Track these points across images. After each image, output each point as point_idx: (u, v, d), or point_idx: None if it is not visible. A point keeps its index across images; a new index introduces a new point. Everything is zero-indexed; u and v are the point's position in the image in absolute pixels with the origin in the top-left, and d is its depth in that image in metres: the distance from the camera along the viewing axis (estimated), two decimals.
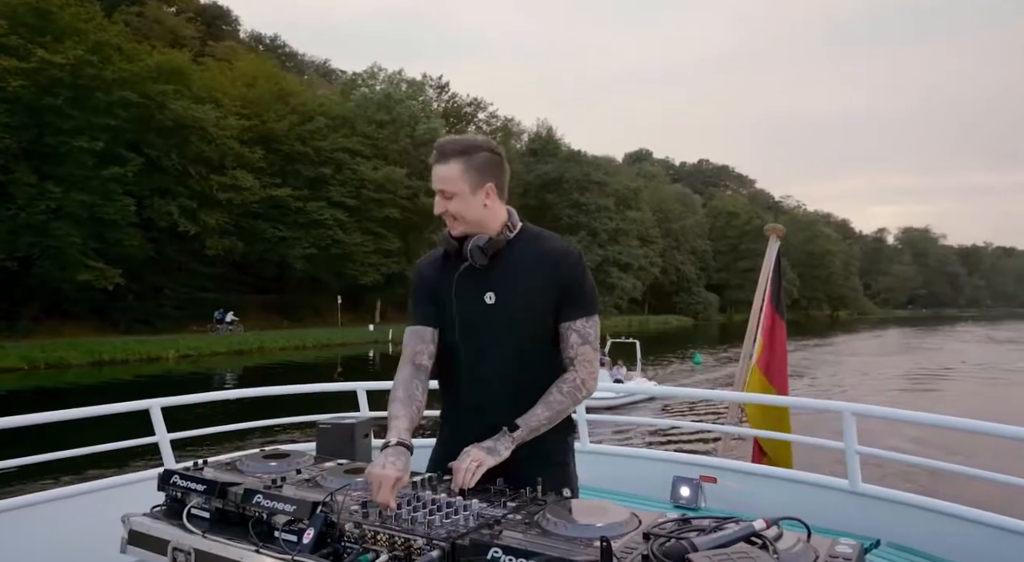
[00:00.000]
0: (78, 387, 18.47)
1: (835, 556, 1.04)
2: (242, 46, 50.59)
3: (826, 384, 22.39)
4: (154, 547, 1.35)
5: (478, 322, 1.56)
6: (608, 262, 49.67)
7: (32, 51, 22.86)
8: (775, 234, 4.16)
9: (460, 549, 1.06)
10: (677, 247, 69.51)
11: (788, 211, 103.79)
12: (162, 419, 2.77)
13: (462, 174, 1.53)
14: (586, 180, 49.10)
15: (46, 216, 23.35)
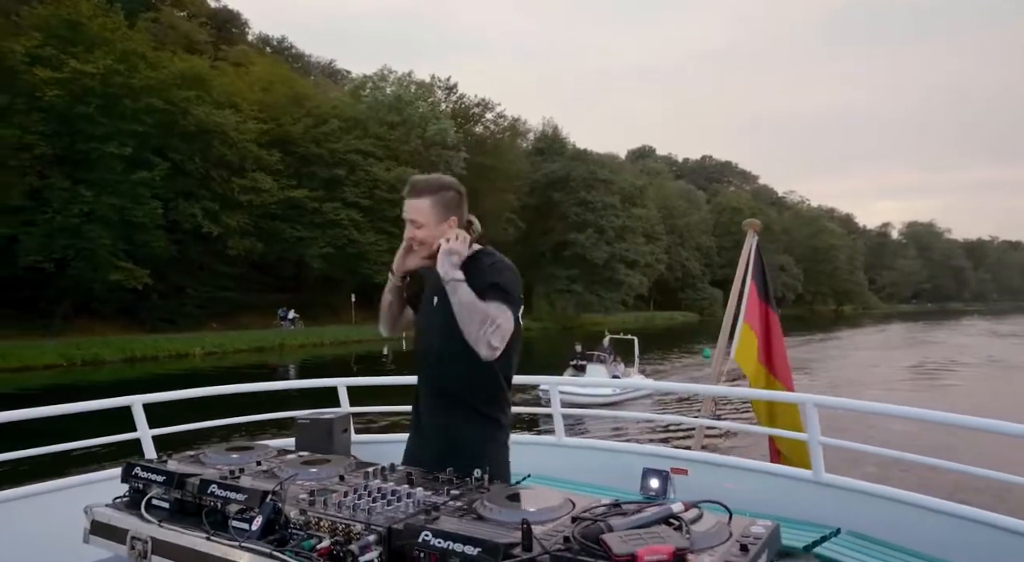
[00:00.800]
0: (112, 383, 19.47)
1: (747, 535, 1.09)
2: (252, 49, 51.58)
3: (831, 379, 22.71)
4: (114, 537, 1.39)
5: (427, 316, 1.90)
6: (615, 259, 50.47)
7: (65, 62, 23.88)
8: (752, 229, 4.23)
9: (395, 533, 1.11)
10: (682, 243, 70.28)
11: (792, 206, 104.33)
12: (144, 415, 2.78)
13: (430, 208, 1.80)
14: (592, 178, 49.89)
15: (79, 219, 24.41)
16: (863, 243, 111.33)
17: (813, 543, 2.46)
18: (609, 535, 1.01)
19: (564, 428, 3.41)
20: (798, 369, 25.43)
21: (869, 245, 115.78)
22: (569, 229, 49.49)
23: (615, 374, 17.54)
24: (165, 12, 42.23)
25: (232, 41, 50.60)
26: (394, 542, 1.11)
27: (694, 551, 1.02)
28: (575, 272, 49.46)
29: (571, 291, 49.47)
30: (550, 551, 1.01)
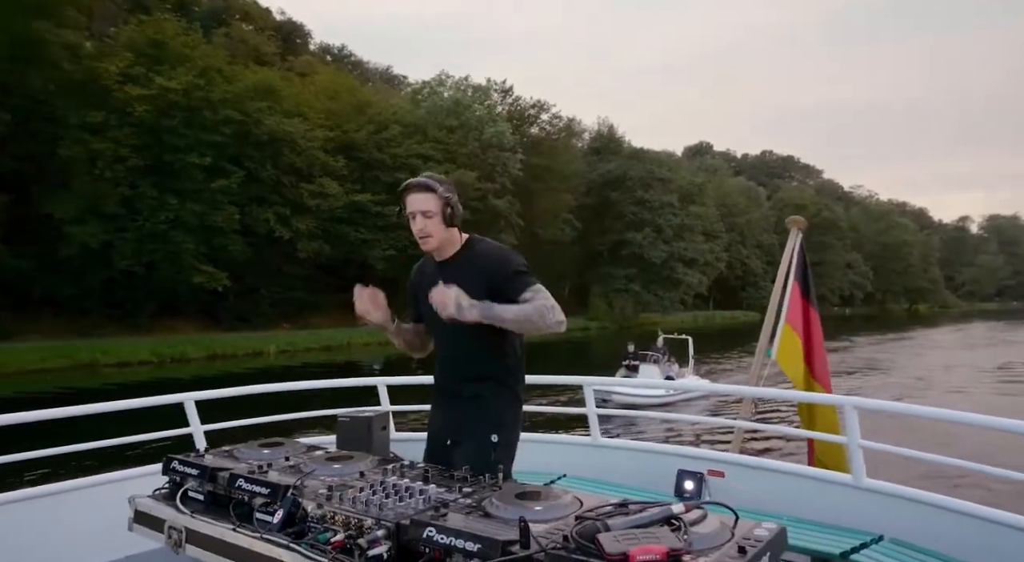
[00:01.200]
0: (197, 378, 20.81)
1: (748, 537, 1.08)
2: (315, 59, 53.66)
3: (897, 380, 22.00)
4: (154, 525, 1.48)
5: (434, 316, 1.93)
6: (673, 258, 49.85)
7: (152, 79, 25.67)
8: (796, 226, 4.12)
9: (403, 529, 1.15)
10: (742, 241, 68.62)
11: (859, 201, 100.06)
12: (196, 412, 2.91)
13: (436, 200, 1.96)
14: (650, 177, 49.44)
15: (166, 226, 26.19)
16: (939, 238, 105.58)
17: (852, 550, 2.38)
18: (604, 535, 1.02)
19: (616, 428, 3.54)
20: (866, 369, 24.66)
21: (945, 240, 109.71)
22: (626, 228, 49.20)
23: (669, 374, 17.30)
24: (236, 27, 44.59)
25: (297, 51, 52.82)
26: (402, 537, 1.15)
27: (690, 552, 1.01)
28: (632, 271, 49.12)
29: (628, 290, 49.15)
30: (545, 549, 1.02)
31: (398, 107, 40.77)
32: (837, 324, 55.55)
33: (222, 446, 1.75)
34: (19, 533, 2.39)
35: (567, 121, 49.80)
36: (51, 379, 20.30)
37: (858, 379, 22.15)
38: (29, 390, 18.12)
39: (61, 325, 26.25)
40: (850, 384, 20.49)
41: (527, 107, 48.23)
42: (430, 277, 1.99)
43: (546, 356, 28.80)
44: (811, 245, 58.13)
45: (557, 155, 47.18)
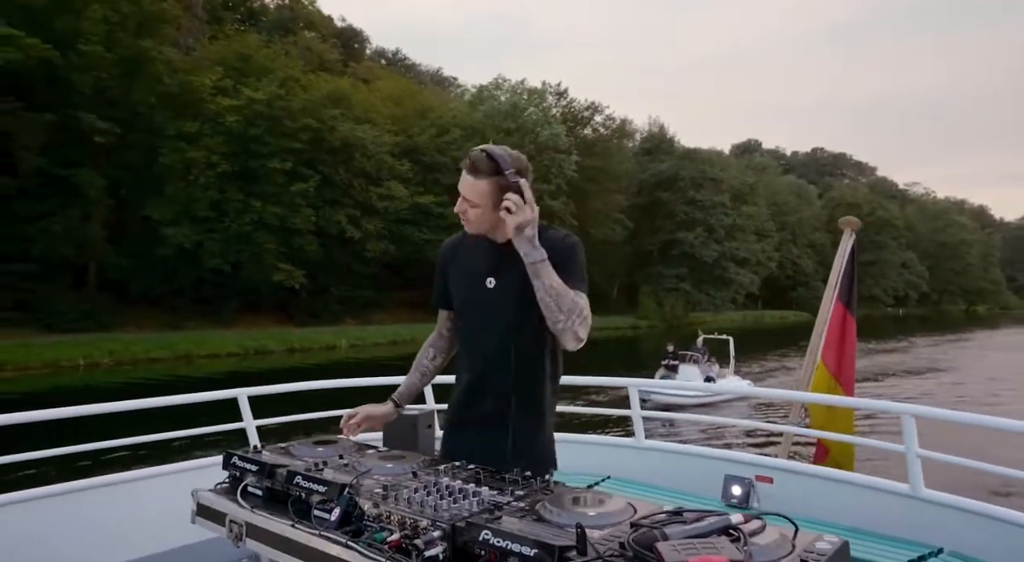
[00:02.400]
0: (277, 369, 22.33)
1: (811, 551, 1.05)
2: (375, 64, 55.49)
3: (971, 384, 21.73)
4: (216, 519, 1.52)
5: (479, 303, 1.72)
6: (725, 257, 49.99)
7: (240, 91, 27.54)
8: (849, 228, 4.04)
9: (458, 530, 1.16)
10: (793, 241, 67.89)
11: (915, 199, 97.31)
12: (248, 407, 2.97)
13: (489, 192, 1.63)
14: (701, 177, 49.66)
15: (251, 227, 28.08)
16: (1000, 237, 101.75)
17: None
18: (662, 543, 1.01)
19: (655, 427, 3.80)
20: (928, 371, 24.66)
21: (1007, 239, 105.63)
22: (678, 228, 49.55)
23: (709, 375, 17.12)
24: (301, 35, 46.66)
25: (357, 57, 54.75)
26: (457, 539, 1.15)
27: None
28: (683, 270, 49.46)
29: (679, 289, 49.52)
30: (603, 556, 1.02)
31: (457, 111, 42.12)
32: (891, 325, 54.67)
33: (270, 439, 1.80)
34: (88, 519, 2.51)
35: (620, 122, 50.39)
36: (158, 367, 22.32)
37: (916, 381, 22.27)
38: (146, 377, 20.05)
39: (154, 319, 28.47)
40: (909, 385, 20.70)
41: (581, 109, 49.01)
42: (479, 256, 1.73)
43: (595, 354, 29.47)
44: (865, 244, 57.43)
45: (610, 156, 47.84)
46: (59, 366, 20.85)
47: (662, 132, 55.37)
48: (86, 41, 23.03)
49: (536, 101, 45.09)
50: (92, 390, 16.79)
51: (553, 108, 46.95)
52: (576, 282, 1.63)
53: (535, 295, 1.60)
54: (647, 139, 54.52)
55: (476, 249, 1.76)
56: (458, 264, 1.80)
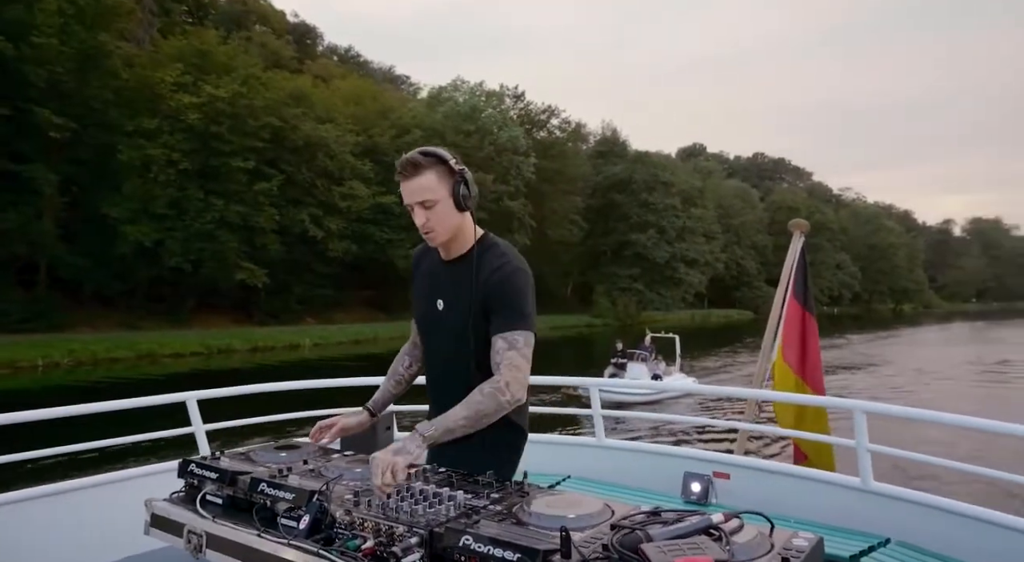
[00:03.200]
0: (242, 370, 22.35)
1: (789, 548, 1.07)
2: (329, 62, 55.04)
3: (902, 376, 23.23)
4: (172, 530, 1.46)
5: (432, 321, 1.71)
6: (676, 258, 52.07)
7: (200, 88, 27.25)
8: (799, 230, 4.13)
9: (437, 536, 1.13)
10: (737, 242, 71.05)
11: (848, 204, 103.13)
12: (198, 411, 2.88)
13: (438, 179, 1.55)
14: (653, 180, 51.57)
15: (213, 225, 27.81)
16: (923, 241, 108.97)
17: (860, 553, 2.43)
18: (648, 545, 1.01)
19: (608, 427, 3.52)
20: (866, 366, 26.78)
21: (930, 242, 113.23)
22: (631, 229, 51.30)
23: (656, 373, 17.29)
24: (256, 32, 45.98)
25: (311, 54, 54.17)
26: (436, 545, 1.13)
27: None
28: (636, 271, 51.25)
29: (632, 289, 51.28)
30: (588, 559, 1.01)
31: (417, 111, 42.51)
32: (826, 323, 58.06)
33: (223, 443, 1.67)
34: (31, 531, 2.42)
35: (575, 125, 51.77)
36: (119, 368, 21.99)
37: (861, 375, 24.20)
38: (107, 377, 19.80)
39: (109, 319, 27.82)
40: (854, 379, 22.55)
41: (538, 111, 50.12)
42: (430, 277, 1.73)
43: (551, 353, 30.55)
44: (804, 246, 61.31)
45: (566, 158, 49.16)
46: (17, 367, 20.32)
47: (615, 136, 57.17)
48: (40, 33, 22.44)
49: (494, 103, 45.96)
50: (53, 390, 16.58)
51: (511, 110, 47.94)
52: (511, 327, 1.56)
53: (475, 322, 1.59)
54: (601, 142, 56.18)
55: (433, 264, 1.74)
56: (419, 278, 1.79)
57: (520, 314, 1.58)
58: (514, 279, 1.60)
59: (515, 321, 1.57)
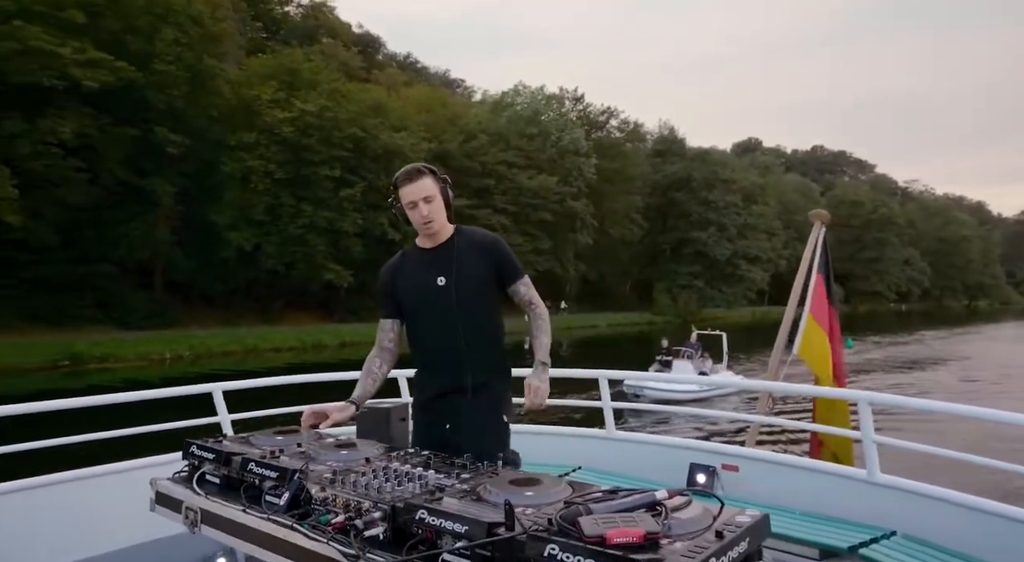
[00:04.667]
0: (331, 363, 24.24)
1: (729, 524, 1.10)
2: (396, 71, 57.38)
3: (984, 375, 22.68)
4: (173, 506, 1.58)
5: (432, 302, 1.99)
6: (737, 255, 52.10)
7: (292, 103, 29.61)
8: (819, 220, 4.08)
9: (398, 511, 1.21)
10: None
11: (915, 197, 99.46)
12: (223, 401, 3.01)
13: (434, 184, 2.00)
14: (713, 178, 51.75)
15: (303, 230, 30.15)
16: (999, 233, 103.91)
17: (861, 544, 2.43)
18: (584, 518, 1.06)
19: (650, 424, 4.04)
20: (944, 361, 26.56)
21: (1007, 235, 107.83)
22: (691, 227, 51.65)
23: (703, 370, 17.08)
24: (327, 44, 48.62)
25: (377, 63, 56.61)
26: (396, 519, 1.20)
27: (668, 536, 1.05)
28: (696, 268, 51.58)
29: (692, 286, 51.64)
30: (528, 530, 1.07)
31: (482, 117, 44.22)
32: (894, 321, 56.68)
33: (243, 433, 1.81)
34: (52, 515, 2.52)
35: (634, 126, 52.47)
36: (230, 360, 24.37)
37: (935, 372, 24.03)
38: (223, 369, 22.10)
39: (212, 317, 30.53)
40: (924, 377, 22.59)
41: (597, 113, 51.08)
42: (422, 265, 2.03)
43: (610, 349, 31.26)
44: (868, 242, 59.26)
45: (626, 158, 49.95)
46: (149, 359, 22.92)
47: (672, 134, 57.48)
48: (160, 61, 25.07)
49: (555, 106, 47.22)
50: (175, 380, 18.75)
51: (571, 112, 49.08)
52: (518, 274, 2.06)
53: (482, 286, 2.01)
54: (659, 141, 56.61)
55: (416, 262, 2.06)
56: (404, 279, 2.06)
57: (517, 266, 2.07)
58: (503, 243, 2.10)
59: (518, 272, 2.07)
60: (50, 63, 20.54)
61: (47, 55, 20.41)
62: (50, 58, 20.53)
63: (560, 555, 1.00)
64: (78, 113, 22.26)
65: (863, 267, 71.16)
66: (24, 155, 20.78)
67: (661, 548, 1.00)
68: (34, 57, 20.05)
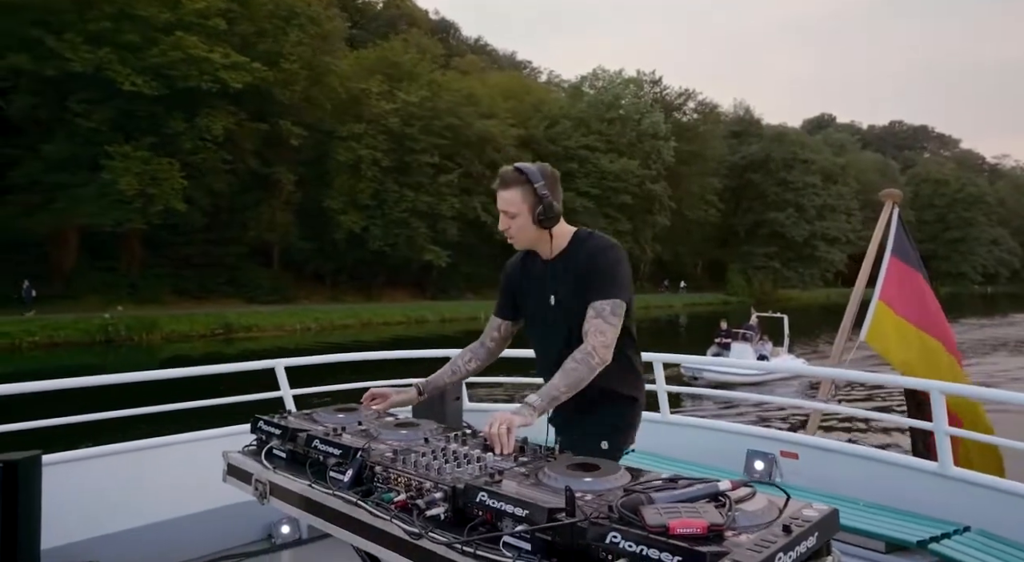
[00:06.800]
0: (431, 337, 26.03)
1: (796, 517, 1.07)
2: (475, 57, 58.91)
3: None
4: (243, 478, 1.67)
5: (543, 318, 1.87)
6: (815, 237, 51.69)
7: (395, 95, 31.71)
8: (891, 199, 4.02)
9: (458, 492, 1.22)
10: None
11: (1005, 173, 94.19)
12: (285, 376, 3.16)
13: (521, 197, 1.76)
14: (792, 158, 51.28)
15: (406, 214, 32.45)
16: None
17: (931, 539, 2.37)
18: (647, 507, 1.04)
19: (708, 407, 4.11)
20: None
21: None
22: (767, 208, 51.52)
23: (762, 353, 16.87)
24: (412, 32, 50.57)
25: (455, 50, 58.23)
26: (457, 500, 1.22)
27: (733, 529, 1.02)
28: (772, 249, 51.52)
29: (768, 267, 51.66)
30: (589, 518, 1.05)
31: (564, 102, 45.36)
32: (979, 303, 54.91)
33: (304, 409, 1.88)
34: (138, 477, 2.70)
35: (712, 108, 52.41)
36: (350, 332, 26.99)
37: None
38: (345, 339, 24.60)
39: (321, 294, 33.41)
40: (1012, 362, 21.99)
41: (674, 95, 51.30)
42: (539, 277, 1.88)
43: (681, 329, 31.95)
44: (951, 222, 57.08)
45: (703, 140, 50.12)
46: (283, 329, 25.79)
47: (749, 114, 56.97)
48: (286, 60, 27.51)
49: (633, 90, 47.77)
50: (311, 348, 21.02)
51: (647, 95, 49.49)
52: (601, 296, 1.73)
53: (584, 307, 1.75)
54: (736, 122, 56.25)
55: (536, 267, 1.89)
56: (527, 281, 1.92)
57: (608, 285, 1.74)
58: (605, 254, 1.78)
59: (603, 291, 1.74)
60: (204, 68, 23.17)
61: (202, 61, 23.04)
62: (203, 64, 23.15)
63: (622, 543, 1.00)
64: (225, 112, 24.95)
65: (946, 248, 68.72)
66: (186, 150, 23.63)
67: (725, 540, 0.99)
68: (194, 64, 22.69)
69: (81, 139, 22.44)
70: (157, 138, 23.48)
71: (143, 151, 22.87)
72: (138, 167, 22.42)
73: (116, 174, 22.02)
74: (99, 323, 21.29)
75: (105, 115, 22.46)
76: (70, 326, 21.00)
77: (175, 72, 22.51)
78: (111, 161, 22.24)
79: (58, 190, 22.45)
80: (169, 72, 22.47)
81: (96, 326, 21.23)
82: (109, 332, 21.27)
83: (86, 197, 22.36)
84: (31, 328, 20.27)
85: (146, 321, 22.34)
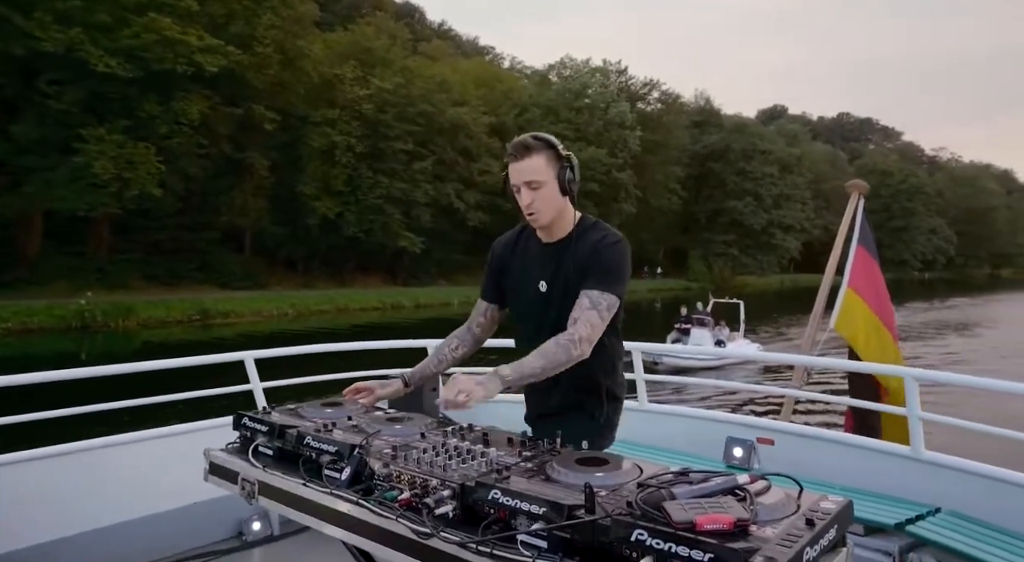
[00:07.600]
0: (407, 323, 26.52)
1: (816, 510, 1.07)
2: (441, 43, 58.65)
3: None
4: (228, 477, 1.58)
5: (529, 302, 1.78)
6: (772, 225, 53.91)
7: (369, 81, 31.67)
8: (857, 191, 4.08)
9: (468, 490, 1.17)
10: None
11: (943, 166, 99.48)
12: (255, 369, 3.05)
13: (547, 163, 1.64)
14: (751, 149, 53.21)
15: (381, 200, 32.57)
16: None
17: (907, 521, 2.43)
18: (670, 503, 1.02)
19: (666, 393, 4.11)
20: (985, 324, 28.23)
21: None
22: (727, 197, 53.43)
23: (719, 339, 17.23)
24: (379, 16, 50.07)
25: (421, 35, 57.81)
26: (467, 497, 1.17)
27: (757, 523, 1.00)
28: (731, 237, 53.52)
29: (727, 254, 53.69)
30: (611, 515, 1.02)
31: (532, 90, 45.89)
32: (919, 288, 58.42)
33: (275, 402, 1.81)
34: (98, 477, 2.58)
35: (675, 98, 53.80)
36: (326, 317, 27.16)
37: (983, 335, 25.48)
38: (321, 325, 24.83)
39: (292, 280, 33.33)
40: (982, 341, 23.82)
41: (639, 85, 52.43)
42: (532, 259, 1.77)
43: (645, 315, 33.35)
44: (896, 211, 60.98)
45: (667, 130, 51.50)
46: (260, 315, 25.79)
47: (709, 105, 58.68)
48: (260, 43, 27.20)
49: (599, 79, 48.65)
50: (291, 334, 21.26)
51: (613, 85, 50.46)
52: (596, 285, 1.63)
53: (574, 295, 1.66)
54: (697, 112, 57.87)
55: (529, 249, 1.79)
56: (516, 263, 1.82)
57: (609, 279, 1.65)
58: (612, 248, 1.68)
59: (603, 284, 1.64)
60: (179, 51, 22.81)
61: (177, 43, 22.68)
62: (178, 46, 22.80)
63: (649, 541, 0.96)
64: (199, 95, 24.61)
65: (890, 236, 72.40)
66: (161, 134, 23.26)
67: (752, 535, 0.97)
68: (169, 46, 22.32)
69: (52, 120, 21.84)
70: (131, 121, 23.03)
71: (117, 134, 22.43)
72: (113, 151, 22.00)
73: (90, 157, 21.57)
74: (75, 309, 20.97)
75: (76, 96, 21.90)
76: (44, 312, 20.64)
77: (150, 54, 22.09)
78: (85, 144, 21.77)
79: (28, 173, 21.86)
80: (143, 54, 22.04)
81: (71, 312, 20.90)
82: (85, 318, 20.98)
83: (58, 180, 21.84)
84: (3, 315, 19.86)
85: (122, 307, 22.08)
